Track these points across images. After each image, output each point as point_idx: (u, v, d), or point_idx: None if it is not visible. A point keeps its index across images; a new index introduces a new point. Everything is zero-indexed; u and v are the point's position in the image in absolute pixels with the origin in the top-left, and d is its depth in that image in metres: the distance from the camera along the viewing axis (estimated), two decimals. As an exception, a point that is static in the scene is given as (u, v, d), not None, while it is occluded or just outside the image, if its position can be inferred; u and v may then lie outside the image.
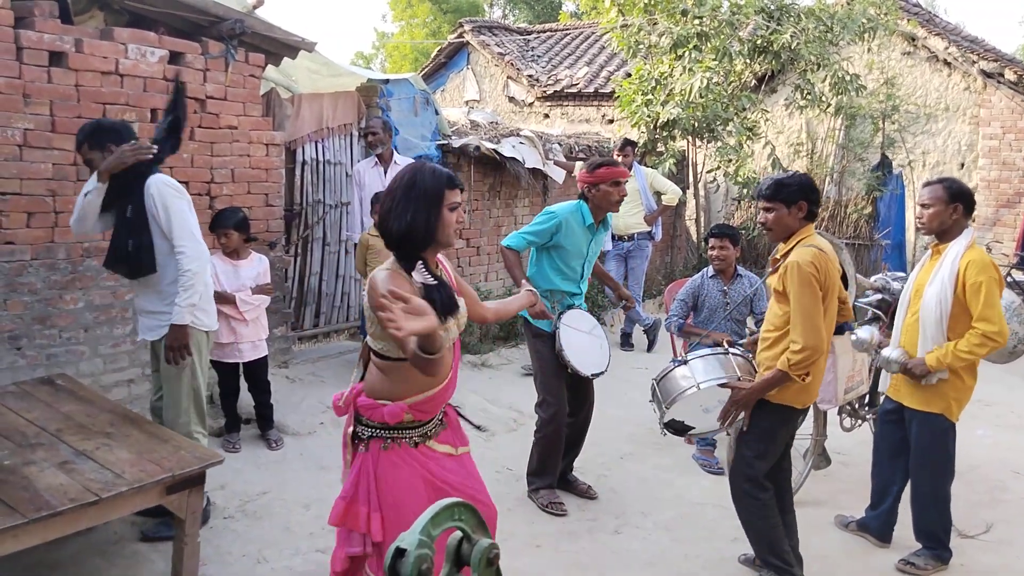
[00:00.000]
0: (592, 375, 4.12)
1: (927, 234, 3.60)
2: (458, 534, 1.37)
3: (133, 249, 3.42)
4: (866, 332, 3.94)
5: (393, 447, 2.46)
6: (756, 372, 3.42)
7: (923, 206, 3.56)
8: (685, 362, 3.56)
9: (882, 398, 4.78)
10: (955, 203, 3.48)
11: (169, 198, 3.45)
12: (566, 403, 4.11)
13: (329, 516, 2.52)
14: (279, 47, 5.30)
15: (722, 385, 3.37)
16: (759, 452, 3.30)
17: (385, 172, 5.85)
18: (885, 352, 3.66)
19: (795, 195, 3.20)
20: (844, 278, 4.06)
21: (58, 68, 4.19)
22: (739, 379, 3.36)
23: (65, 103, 4.22)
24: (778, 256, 3.29)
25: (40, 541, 2.63)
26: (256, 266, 4.56)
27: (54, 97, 4.18)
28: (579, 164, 8.15)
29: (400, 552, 1.24)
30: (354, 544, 2.48)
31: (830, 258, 3.17)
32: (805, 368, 3.10)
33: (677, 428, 3.64)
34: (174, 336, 3.46)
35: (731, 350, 3.57)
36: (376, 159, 5.83)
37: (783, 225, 3.24)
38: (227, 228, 4.39)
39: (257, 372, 4.63)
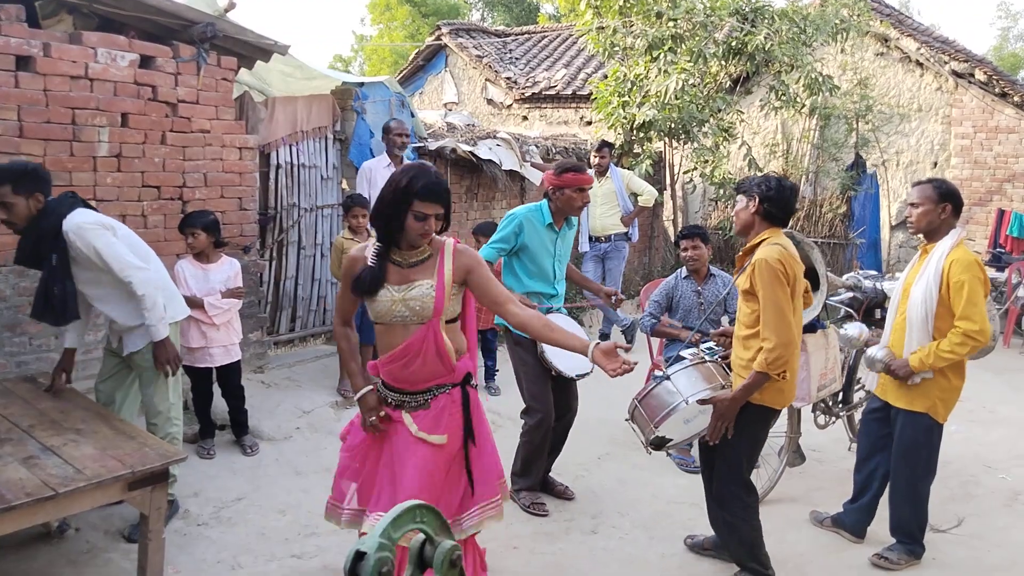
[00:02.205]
0: (577, 376, 4.12)
1: (915, 233, 3.61)
2: (420, 536, 1.37)
3: (59, 297, 3.36)
4: (855, 329, 3.94)
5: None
6: (728, 374, 3.42)
7: (912, 205, 3.56)
8: (667, 378, 3.42)
9: (857, 395, 4.85)
10: (944, 203, 3.49)
11: (91, 237, 3.31)
12: (553, 408, 4.08)
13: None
14: (252, 50, 5.28)
15: (703, 401, 3.27)
16: (747, 456, 3.31)
17: None
18: (870, 351, 3.66)
19: (751, 189, 3.25)
20: (815, 276, 4.11)
21: (26, 72, 4.14)
22: (723, 387, 3.29)
23: (33, 108, 4.17)
24: (742, 255, 3.31)
25: (-2, 534, 2.64)
26: (226, 270, 4.52)
27: (22, 102, 4.13)
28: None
29: (360, 555, 1.24)
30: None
31: (794, 257, 3.18)
32: (782, 366, 3.07)
33: (657, 443, 3.50)
34: (162, 351, 3.52)
35: (706, 356, 3.50)
36: (390, 160, 5.86)
37: (739, 218, 3.31)
38: (195, 228, 4.35)
39: (230, 377, 4.59)
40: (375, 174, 5.90)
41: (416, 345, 2.69)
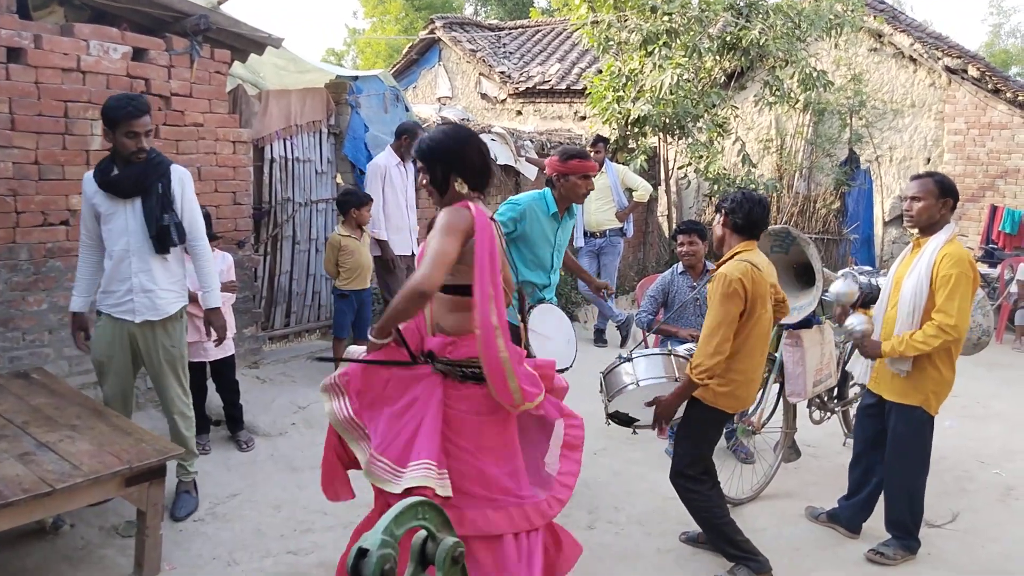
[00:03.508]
0: (559, 370, 4.10)
1: (913, 227, 3.61)
2: (423, 533, 1.36)
3: (169, 223, 3.55)
4: (844, 285, 3.96)
5: None
6: None
7: (913, 199, 3.54)
8: (630, 359, 3.70)
9: (852, 390, 4.86)
10: (945, 198, 3.49)
11: (190, 190, 3.66)
12: None
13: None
14: (245, 43, 5.25)
15: (649, 404, 3.52)
16: (691, 450, 3.42)
17: (407, 172, 5.94)
18: (849, 321, 3.70)
19: (720, 205, 3.44)
20: (811, 272, 4.11)
21: (17, 65, 4.11)
22: (676, 379, 3.52)
23: (24, 101, 4.14)
24: (715, 267, 3.42)
25: (-7, 530, 2.64)
26: (219, 263, 4.48)
27: (13, 95, 4.10)
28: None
29: (363, 552, 1.23)
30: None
31: (764, 275, 3.27)
32: (706, 373, 3.22)
33: (623, 419, 3.79)
34: (216, 317, 3.82)
35: (674, 352, 3.72)
36: (399, 159, 5.83)
37: (715, 234, 3.51)
38: None
39: (224, 371, 4.57)
40: (390, 172, 5.82)
41: None
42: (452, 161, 2.64)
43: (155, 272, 3.58)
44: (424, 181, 2.70)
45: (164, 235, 3.54)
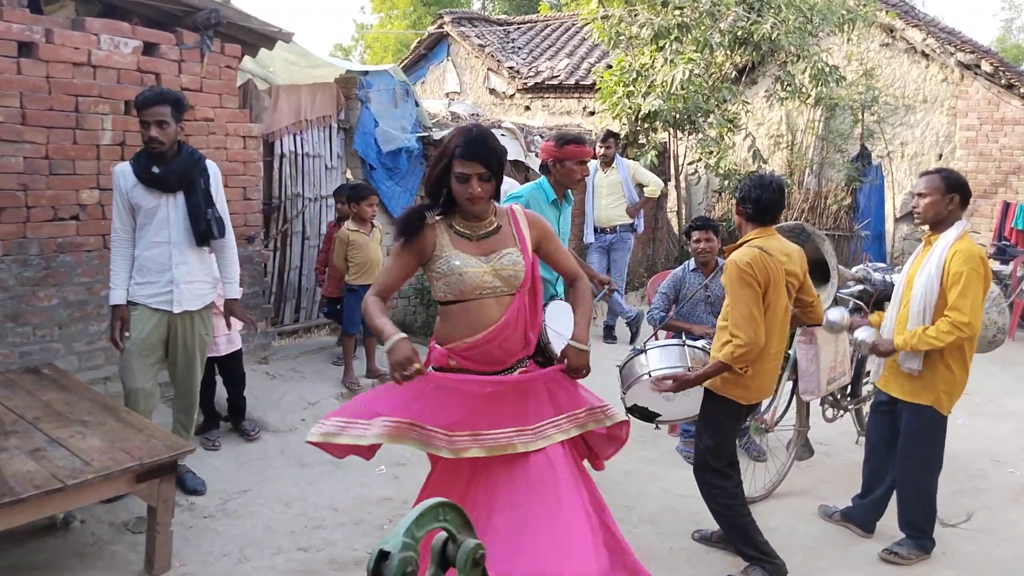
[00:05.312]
0: None
1: (922, 224, 3.57)
2: (443, 535, 1.34)
3: (211, 218, 3.70)
4: (835, 314, 3.93)
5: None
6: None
7: (920, 195, 3.52)
8: (644, 351, 3.71)
9: (866, 388, 4.83)
10: (952, 193, 3.45)
11: (220, 185, 3.84)
12: None
13: None
14: (256, 37, 5.23)
15: (665, 379, 3.45)
16: (711, 443, 3.38)
17: None
18: (857, 333, 3.69)
19: (737, 192, 3.40)
20: (825, 269, 4.08)
21: (28, 59, 4.10)
22: (689, 370, 3.49)
23: (35, 95, 4.13)
24: (725, 254, 3.40)
25: (4, 527, 2.65)
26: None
27: (24, 89, 4.09)
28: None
29: (384, 555, 1.21)
30: None
31: (777, 260, 3.20)
32: (745, 361, 3.16)
33: (644, 414, 3.77)
34: (237, 308, 3.98)
35: (688, 342, 3.72)
36: None
37: (736, 222, 3.47)
38: None
39: (232, 365, 4.58)
40: None
41: (513, 318, 2.57)
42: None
43: (194, 264, 3.73)
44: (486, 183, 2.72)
45: (209, 230, 3.69)
